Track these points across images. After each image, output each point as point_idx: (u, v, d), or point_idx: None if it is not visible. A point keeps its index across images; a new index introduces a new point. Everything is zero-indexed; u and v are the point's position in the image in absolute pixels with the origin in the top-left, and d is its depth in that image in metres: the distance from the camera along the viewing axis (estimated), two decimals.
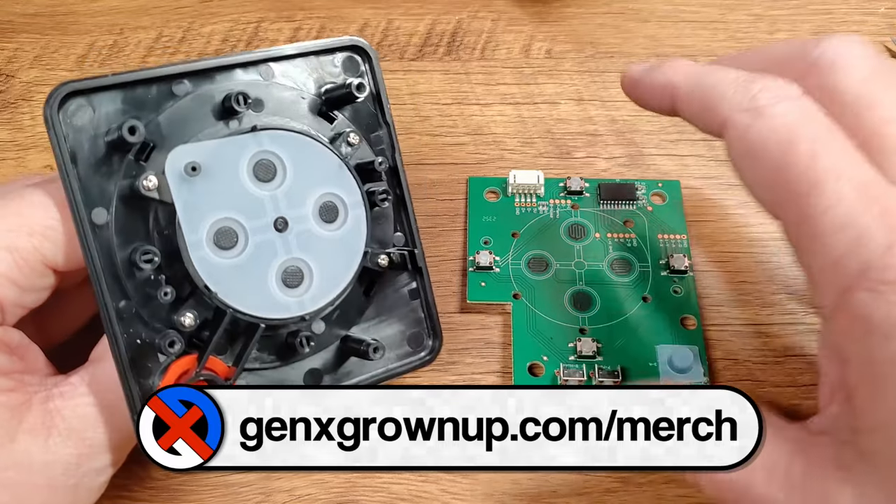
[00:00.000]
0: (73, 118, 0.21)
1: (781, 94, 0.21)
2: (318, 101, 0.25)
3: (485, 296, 0.30)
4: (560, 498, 0.26)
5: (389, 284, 0.27)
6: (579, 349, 0.28)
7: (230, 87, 0.24)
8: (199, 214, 0.23)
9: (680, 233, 0.32)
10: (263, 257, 0.24)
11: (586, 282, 0.31)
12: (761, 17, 0.40)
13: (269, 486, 0.27)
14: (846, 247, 0.19)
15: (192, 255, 0.22)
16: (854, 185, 0.20)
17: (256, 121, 0.24)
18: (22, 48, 0.40)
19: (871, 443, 0.20)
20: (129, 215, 0.23)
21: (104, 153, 0.22)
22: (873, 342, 0.19)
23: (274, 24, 0.41)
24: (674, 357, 0.28)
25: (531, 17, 0.41)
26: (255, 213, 0.23)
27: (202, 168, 0.22)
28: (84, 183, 0.22)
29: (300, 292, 0.24)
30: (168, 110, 0.23)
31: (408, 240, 0.27)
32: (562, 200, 0.33)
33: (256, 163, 0.23)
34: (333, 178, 0.24)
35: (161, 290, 0.22)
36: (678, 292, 0.30)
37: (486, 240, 0.32)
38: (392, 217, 0.27)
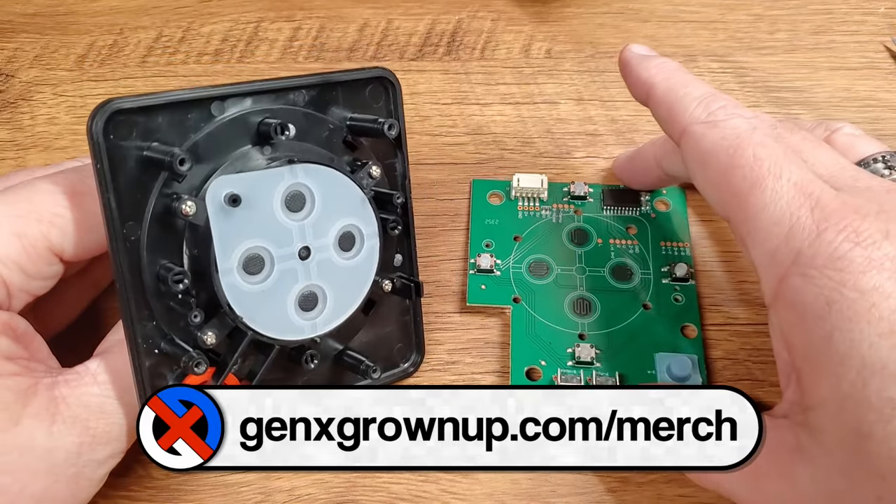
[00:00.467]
0: (113, 133, 0.22)
1: (737, 112, 0.24)
2: (342, 128, 0.26)
3: (485, 299, 0.30)
4: (560, 497, 0.26)
5: (385, 304, 0.28)
6: (578, 355, 0.28)
7: (264, 112, 0.24)
8: (233, 242, 0.23)
9: (683, 241, 0.32)
10: (285, 283, 0.24)
11: (587, 287, 0.30)
12: (761, 16, 0.40)
13: (268, 485, 0.27)
14: (780, 238, 0.21)
15: (221, 280, 0.23)
16: (791, 184, 0.22)
17: (287, 148, 0.24)
18: (22, 48, 0.40)
19: (818, 420, 0.21)
20: (161, 232, 0.23)
21: (142, 169, 0.22)
22: (808, 324, 0.20)
23: (274, 24, 0.41)
24: (672, 365, 0.28)
25: (531, 17, 0.41)
26: (283, 242, 0.24)
27: (241, 199, 0.23)
28: (120, 197, 0.22)
29: (314, 315, 0.25)
30: (206, 132, 0.23)
31: (405, 261, 0.28)
32: (565, 205, 0.33)
33: (290, 194, 0.24)
34: (356, 210, 0.25)
35: (192, 313, 0.23)
36: (679, 300, 0.30)
37: (488, 242, 0.32)
38: (395, 240, 0.27)
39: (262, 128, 0.24)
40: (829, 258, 0.20)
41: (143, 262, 0.23)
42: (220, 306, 0.23)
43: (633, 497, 0.26)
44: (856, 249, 0.20)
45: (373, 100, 0.26)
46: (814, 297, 0.20)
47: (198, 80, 0.38)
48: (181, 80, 0.38)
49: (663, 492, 0.26)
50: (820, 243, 0.20)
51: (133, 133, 0.22)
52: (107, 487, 0.27)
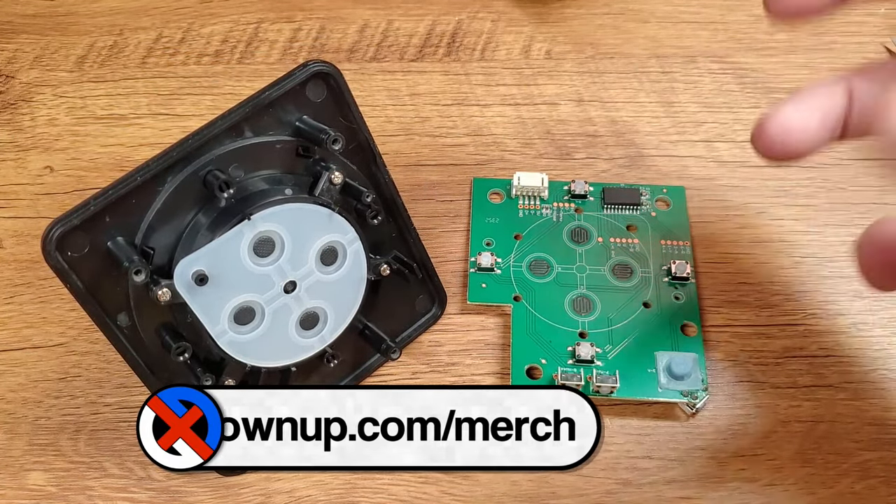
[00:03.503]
0: (70, 249, 0.22)
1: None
2: (293, 141, 0.24)
3: (485, 297, 0.30)
4: (560, 499, 0.26)
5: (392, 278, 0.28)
6: (578, 353, 0.28)
7: (208, 161, 0.23)
8: (217, 308, 0.23)
9: (683, 239, 0.32)
10: (281, 319, 0.25)
11: (587, 286, 0.30)
12: (762, 17, 0.40)
13: (268, 487, 0.27)
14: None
15: (219, 342, 0.24)
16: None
17: (241, 191, 0.24)
18: (22, 49, 0.40)
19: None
20: (151, 309, 0.23)
21: (109, 261, 0.22)
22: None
23: (274, 25, 0.41)
24: (672, 363, 0.28)
25: (531, 18, 0.41)
26: (265, 288, 0.24)
27: (208, 272, 0.23)
28: (100, 298, 0.22)
29: (319, 330, 0.26)
30: (156, 210, 0.23)
31: (397, 237, 0.28)
32: (565, 203, 0.33)
33: (256, 244, 0.24)
34: (327, 227, 0.25)
35: (203, 378, 0.24)
36: (679, 299, 0.30)
37: (489, 241, 0.32)
38: (382, 223, 0.27)
39: (207, 186, 0.23)
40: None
41: (146, 341, 0.24)
42: (229, 355, 0.24)
43: (634, 498, 0.26)
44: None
45: (315, 96, 0.25)
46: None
47: (198, 82, 0.38)
48: (181, 82, 0.38)
49: (664, 494, 0.26)
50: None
51: (87, 242, 0.22)
52: (107, 488, 0.27)
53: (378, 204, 0.26)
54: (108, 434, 0.28)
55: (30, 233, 0.34)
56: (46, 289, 0.32)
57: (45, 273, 0.32)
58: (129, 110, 0.37)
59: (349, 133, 0.25)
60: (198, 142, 0.23)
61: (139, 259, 0.22)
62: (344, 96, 0.25)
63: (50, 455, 0.28)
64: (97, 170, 0.35)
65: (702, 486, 0.26)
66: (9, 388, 0.29)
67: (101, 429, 0.28)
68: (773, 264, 0.31)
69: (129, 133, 0.37)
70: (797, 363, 0.29)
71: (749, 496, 0.26)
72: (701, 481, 0.26)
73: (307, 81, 0.24)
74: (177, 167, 0.23)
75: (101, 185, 0.34)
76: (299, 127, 0.24)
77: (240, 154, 0.24)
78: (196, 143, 0.23)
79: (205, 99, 0.38)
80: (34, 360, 0.30)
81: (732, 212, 0.33)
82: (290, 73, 0.24)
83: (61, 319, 0.31)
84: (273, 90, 0.23)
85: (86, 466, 0.27)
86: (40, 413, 0.29)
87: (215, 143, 0.23)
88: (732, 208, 0.33)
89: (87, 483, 0.27)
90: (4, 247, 0.33)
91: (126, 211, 0.22)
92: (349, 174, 0.25)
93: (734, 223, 0.33)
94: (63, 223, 0.21)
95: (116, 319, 0.23)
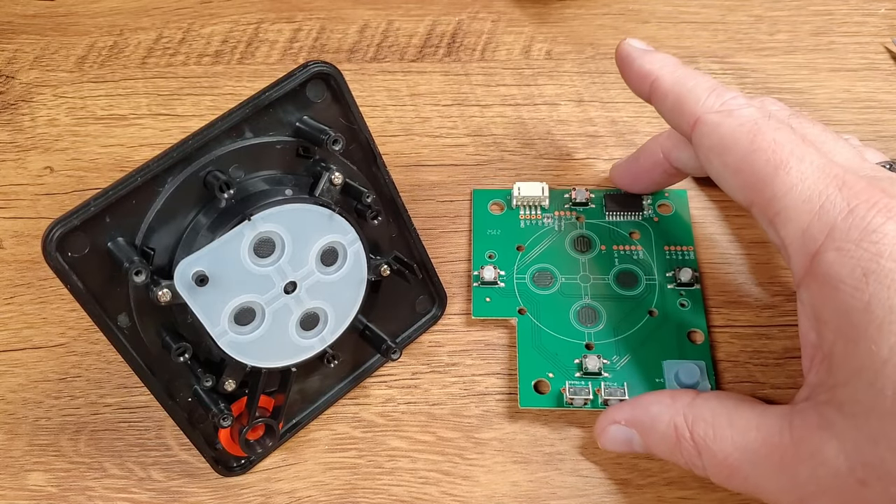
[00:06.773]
0: (70, 250, 0.22)
1: (749, 102, 0.25)
2: (294, 142, 0.24)
3: (490, 312, 0.30)
4: (560, 499, 0.26)
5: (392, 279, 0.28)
6: (585, 365, 0.28)
7: (208, 162, 0.23)
8: (217, 309, 0.23)
9: (687, 244, 0.31)
10: (282, 320, 0.25)
11: (592, 296, 0.30)
12: (762, 17, 0.40)
13: (269, 487, 0.27)
14: (811, 215, 0.22)
15: (219, 343, 0.24)
16: (815, 167, 0.22)
17: (241, 192, 0.24)
18: (22, 49, 0.40)
19: (849, 392, 0.21)
20: (152, 310, 0.23)
21: (110, 263, 0.22)
22: (844, 296, 0.21)
23: (274, 25, 0.41)
24: (680, 373, 0.27)
25: (531, 18, 0.41)
26: (265, 288, 0.24)
27: (208, 273, 0.23)
28: (100, 299, 0.22)
29: (319, 330, 0.26)
30: (156, 211, 0.23)
31: (398, 237, 0.28)
32: (567, 212, 0.33)
33: (256, 244, 0.24)
34: (327, 228, 0.25)
35: (203, 378, 0.24)
36: (685, 306, 0.30)
37: (491, 254, 0.31)
38: (383, 223, 0.27)
39: (208, 187, 0.23)
40: (864, 231, 0.21)
41: (146, 341, 0.24)
42: (230, 356, 0.24)
43: (633, 499, 0.26)
44: (889, 223, 0.21)
45: (316, 97, 0.25)
46: (850, 270, 0.21)
47: (198, 82, 0.38)
48: (181, 82, 0.38)
49: (664, 494, 0.26)
50: (853, 218, 0.21)
51: (88, 243, 0.22)
52: (107, 489, 0.27)
53: (378, 204, 0.26)
54: (109, 434, 0.28)
55: (30, 233, 0.34)
56: (46, 289, 0.32)
57: (46, 273, 0.32)
58: (130, 111, 0.38)
59: (349, 133, 0.25)
60: (198, 142, 0.23)
61: (139, 260, 0.22)
62: (344, 97, 0.25)
63: (50, 455, 0.28)
64: (97, 170, 0.35)
65: (702, 486, 0.26)
66: (9, 389, 0.29)
67: (102, 429, 0.28)
68: (772, 265, 0.31)
69: (129, 133, 0.37)
70: (797, 364, 0.29)
71: (749, 496, 0.26)
72: (701, 482, 0.26)
73: (307, 82, 0.24)
74: (177, 168, 0.23)
75: (101, 185, 0.34)
76: (299, 127, 0.24)
77: (240, 154, 0.24)
78: (196, 143, 0.23)
79: (205, 99, 0.38)
80: (34, 361, 0.30)
81: (732, 213, 0.33)
82: (291, 74, 0.24)
83: (61, 320, 0.31)
84: (273, 91, 0.23)
85: (86, 467, 0.28)
86: (40, 413, 0.29)
87: (215, 143, 0.23)
88: (732, 209, 0.33)
89: (87, 483, 0.27)
90: (4, 247, 0.33)
91: (126, 212, 0.22)
92: (349, 175, 0.25)
93: (734, 224, 0.33)
94: (63, 224, 0.21)
95: (117, 320, 0.23)
